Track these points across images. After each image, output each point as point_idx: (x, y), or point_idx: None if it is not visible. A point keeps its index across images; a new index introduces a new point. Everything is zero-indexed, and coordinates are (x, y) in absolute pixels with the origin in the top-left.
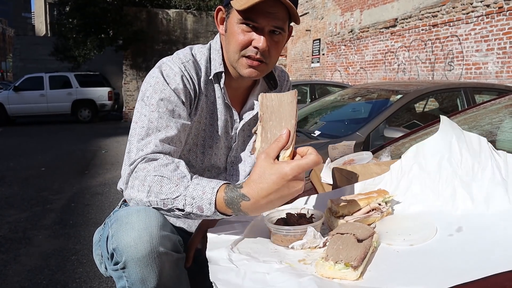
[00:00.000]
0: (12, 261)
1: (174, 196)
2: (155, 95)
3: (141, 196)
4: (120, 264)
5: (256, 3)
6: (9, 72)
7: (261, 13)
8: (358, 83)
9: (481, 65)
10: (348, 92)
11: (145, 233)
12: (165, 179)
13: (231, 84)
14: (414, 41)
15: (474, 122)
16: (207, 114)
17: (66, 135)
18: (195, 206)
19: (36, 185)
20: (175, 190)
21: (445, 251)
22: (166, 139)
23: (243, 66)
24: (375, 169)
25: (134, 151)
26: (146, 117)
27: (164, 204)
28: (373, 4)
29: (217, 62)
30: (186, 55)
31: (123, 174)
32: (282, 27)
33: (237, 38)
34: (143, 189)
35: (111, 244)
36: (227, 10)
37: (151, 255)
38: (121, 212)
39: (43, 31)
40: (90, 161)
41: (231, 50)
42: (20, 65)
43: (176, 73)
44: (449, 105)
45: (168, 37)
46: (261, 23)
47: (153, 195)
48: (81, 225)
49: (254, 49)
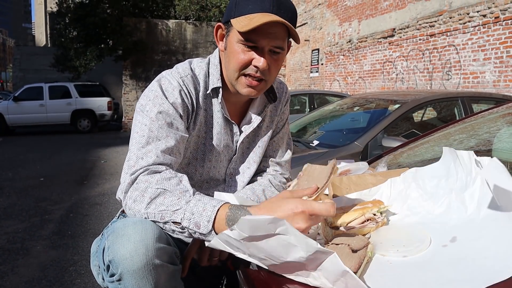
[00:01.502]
0: (10, 272)
1: (174, 209)
2: (154, 108)
3: (140, 207)
4: (116, 276)
5: (258, 26)
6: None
7: (262, 34)
8: (357, 92)
9: (479, 74)
10: (347, 102)
11: (141, 245)
12: (167, 192)
13: (230, 99)
14: (412, 51)
15: (472, 131)
16: (206, 128)
17: (65, 145)
18: (192, 221)
19: (34, 196)
20: (176, 203)
21: (439, 262)
22: (167, 150)
23: (242, 85)
24: (371, 180)
25: (133, 159)
26: (147, 126)
27: (161, 216)
28: (371, 14)
29: (215, 77)
30: (185, 70)
31: (122, 182)
32: (282, 46)
33: (238, 57)
34: (142, 200)
35: (107, 256)
36: (227, 28)
37: (146, 267)
38: (117, 224)
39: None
40: (89, 171)
41: (231, 68)
42: (20, 75)
43: (175, 88)
44: (447, 114)
45: (168, 47)
46: (261, 43)
47: (152, 207)
48: (79, 235)
49: (254, 68)
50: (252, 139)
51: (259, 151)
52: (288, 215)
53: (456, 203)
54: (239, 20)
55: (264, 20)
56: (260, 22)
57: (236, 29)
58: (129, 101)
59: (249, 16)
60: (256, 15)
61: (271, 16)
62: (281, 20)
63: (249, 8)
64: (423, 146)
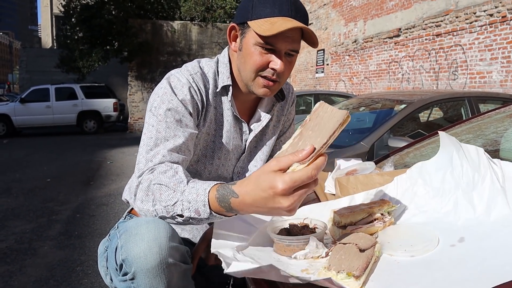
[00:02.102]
0: (18, 272)
1: (172, 203)
2: (162, 105)
3: (147, 206)
4: (129, 275)
5: (282, 32)
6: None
7: (281, 38)
8: (363, 93)
9: (485, 74)
10: (353, 102)
11: (155, 244)
12: (163, 187)
13: (239, 97)
14: (418, 51)
15: (478, 131)
16: (216, 126)
17: (72, 146)
18: (192, 210)
19: (41, 196)
20: (173, 196)
21: (447, 262)
22: (175, 148)
23: (259, 86)
24: (378, 180)
25: (143, 162)
26: (154, 127)
27: (167, 211)
28: (377, 14)
29: (224, 75)
30: (194, 67)
31: (131, 185)
32: (297, 49)
33: (255, 59)
34: (147, 199)
35: (121, 255)
36: (242, 29)
37: (160, 266)
38: (130, 223)
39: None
40: (95, 172)
41: (248, 70)
42: (26, 77)
43: (184, 84)
44: (453, 114)
45: (173, 48)
46: (279, 46)
47: (157, 204)
48: (86, 236)
49: (271, 70)
50: (260, 138)
51: (267, 149)
52: (269, 195)
53: (464, 202)
54: (259, 23)
55: (289, 26)
56: (284, 28)
57: (257, 32)
58: (134, 102)
59: (270, 20)
60: (277, 20)
61: (293, 21)
62: (304, 26)
63: (267, 11)
64: (429, 146)
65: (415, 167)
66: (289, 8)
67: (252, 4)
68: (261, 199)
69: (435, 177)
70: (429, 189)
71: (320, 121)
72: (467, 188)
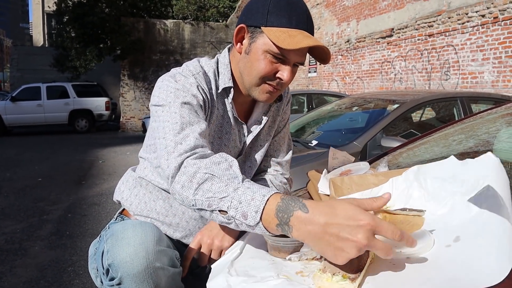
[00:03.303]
0: (8, 272)
1: (221, 196)
2: (177, 100)
3: (188, 193)
4: (116, 280)
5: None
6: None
7: (294, 51)
8: (355, 92)
9: (477, 74)
10: (345, 102)
11: (141, 249)
12: (216, 178)
13: (238, 99)
14: (411, 51)
15: (471, 132)
16: (216, 127)
17: (63, 145)
18: (239, 211)
19: (32, 196)
20: (223, 190)
21: (443, 262)
22: (202, 133)
23: (263, 91)
24: (373, 180)
25: (171, 145)
26: (177, 113)
27: (209, 204)
28: (370, 14)
29: (226, 76)
30: (196, 67)
31: (166, 167)
32: (304, 61)
33: (264, 67)
34: (190, 186)
35: (107, 259)
36: (252, 33)
37: (147, 271)
38: (116, 227)
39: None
40: (87, 171)
41: (253, 75)
42: (17, 75)
43: (192, 83)
44: (445, 114)
45: (166, 47)
46: (290, 58)
47: (200, 193)
48: (77, 236)
49: (277, 80)
50: (255, 139)
51: (262, 150)
52: (349, 224)
53: (461, 205)
54: (275, 32)
55: (310, 44)
56: (306, 45)
57: (274, 42)
58: (127, 101)
59: (288, 32)
60: (296, 33)
61: (312, 38)
62: (323, 46)
63: (284, 21)
64: (422, 147)
65: (411, 170)
66: (305, 20)
67: (268, 9)
68: (337, 225)
69: (432, 184)
70: (425, 193)
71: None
72: (466, 193)
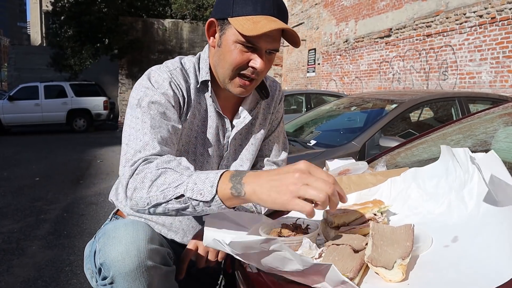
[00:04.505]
0: (5, 272)
1: (176, 184)
2: (145, 98)
3: (141, 194)
4: (108, 279)
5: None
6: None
7: (263, 37)
8: (353, 92)
9: (475, 74)
10: (344, 102)
11: (133, 247)
12: (169, 170)
13: (221, 94)
14: (409, 51)
15: (468, 132)
16: (199, 121)
17: (61, 144)
18: (195, 190)
19: (30, 195)
20: (178, 178)
21: (441, 263)
22: (162, 141)
23: (235, 85)
24: (371, 179)
25: (131, 152)
26: (139, 119)
27: (164, 196)
28: (368, 14)
29: (203, 71)
30: (174, 63)
31: (121, 175)
32: (278, 48)
33: (235, 58)
34: (142, 186)
35: (99, 258)
36: (221, 25)
37: (139, 269)
38: (108, 226)
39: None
40: (85, 171)
41: (226, 67)
42: (15, 75)
43: (165, 79)
44: (443, 114)
45: (164, 46)
46: (261, 45)
47: (154, 189)
48: (75, 235)
49: (250, 69)
50: (245, 136)
51: (252, 148)
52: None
53: (456, 202)
54: (240, 21)
55: (273, 27)
56: (269, 28)
57: (239, 31)
58: (125, 101)
59: (253, 19)
60: (260, 19)
61: (277, 22)
62: (288, 28)
63: (249, 9)
64: (420, 146)
65: (409, 172)
66: (271, 6)
67: (234, 0)
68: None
69: (429, 183)
70: (423, 193)
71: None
72: (459, 188)
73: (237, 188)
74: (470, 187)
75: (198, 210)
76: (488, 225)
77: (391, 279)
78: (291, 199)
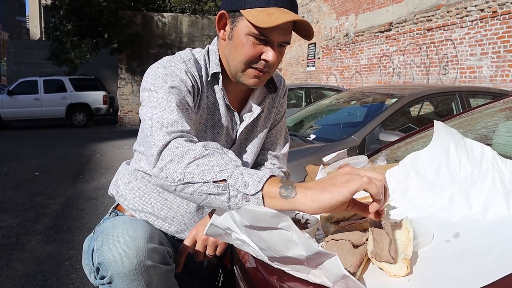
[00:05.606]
0: (5, 267)
1: (220, 169)
2: (165, 84)
3: (177, 167)
4: (106, 279)
5: (281, 24)
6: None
7: (276, 29)
8: (353, 86)
9: (476, 69)
10: (344, 96)
11: (131, 247)
12: (217, 154)
13: (230, 88)
14: (409, 45)
15: (469, 126)
16: (208, 115)
17: (61, 139)
18: (240, 180)
19: (29, 190)
20: (223, 164)
21: (442, 258)
22: (188, 121)
23: (249, 76)
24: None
25: (157, 126)
26: (164, 99)
27: (203, 175)
28: (368, 8)
29: (214, 63)
30: (187, 54)
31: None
32: (289, 41)
33: (247, 50)
34: (181, 160)
35: (97, 258)
36: (232, 17)
37: (138, 269)
38: (107, 224)
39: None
40: (84, 166)
41: (238, 60)
42: (14, 69)
43: (181, 69)
44: (444, 109)
45: (163, 40)
46: (273, 38)
47: (193, 166)
48: (75, 230)
49: (262, 62)
50: (251, 130)
51: (258, 142)
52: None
53: (460, 199)
54: (254, 13)
55: (288, 19)
56: (284, 20)
57: (253, 23)
58: (124, 95)
59: (266, 11)
60: (274, 11)
61: (290, 13)
62: (303, 20)
63: (262, 1)
64: (420, 141)
65: (407, 158)
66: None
67: None
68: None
69: (429, 169)
70: (423, 182)
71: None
72: (465, 183)
73: (288, 189)
74: (480, 187)
75: (231, 202)
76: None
77: (396, 274)
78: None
